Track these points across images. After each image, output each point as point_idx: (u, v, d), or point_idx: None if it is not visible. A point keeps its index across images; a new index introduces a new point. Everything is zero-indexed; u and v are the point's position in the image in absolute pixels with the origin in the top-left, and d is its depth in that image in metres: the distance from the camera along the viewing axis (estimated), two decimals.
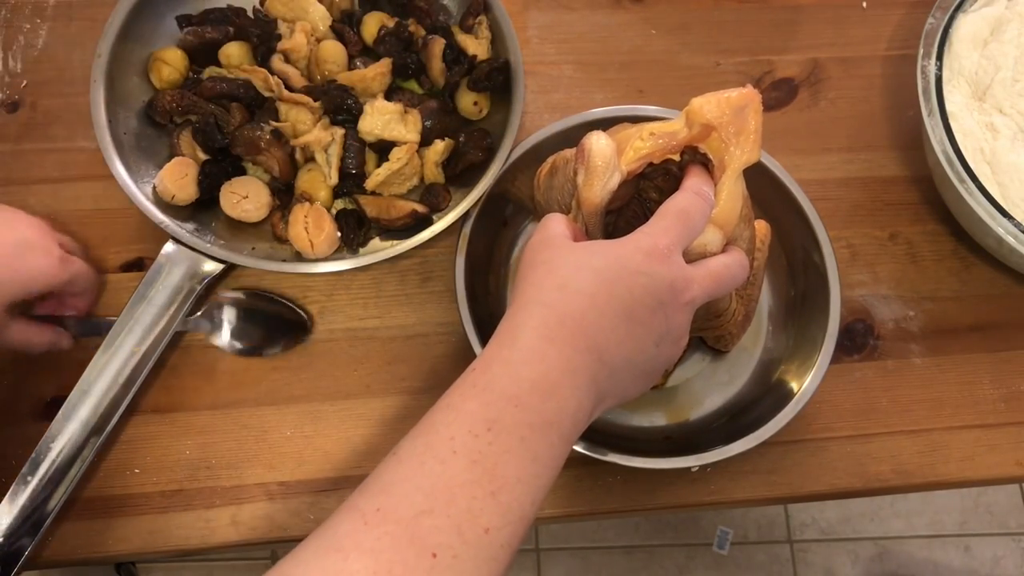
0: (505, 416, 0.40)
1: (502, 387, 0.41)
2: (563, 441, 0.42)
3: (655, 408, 0.63)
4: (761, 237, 0.59)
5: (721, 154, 0.50)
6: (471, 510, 0.38)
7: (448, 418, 0.41)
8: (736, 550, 1.46)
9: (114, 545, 0.59)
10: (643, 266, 0.45)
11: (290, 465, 0.61)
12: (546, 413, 0.41)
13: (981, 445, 0.64)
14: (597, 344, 0.44)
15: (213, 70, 0.67)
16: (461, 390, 0.42)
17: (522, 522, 0.40)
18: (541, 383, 0.41)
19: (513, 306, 0.45)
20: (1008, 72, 0.66)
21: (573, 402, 0.42)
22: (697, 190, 0.48)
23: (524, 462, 0.40)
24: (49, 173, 0.68)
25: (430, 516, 0.37)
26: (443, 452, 0.39)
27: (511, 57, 0.66)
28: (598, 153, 0.49)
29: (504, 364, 0.42)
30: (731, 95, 0.49)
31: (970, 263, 0.69)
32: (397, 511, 0.37)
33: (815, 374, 0.59)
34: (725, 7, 0.77)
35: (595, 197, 0.49)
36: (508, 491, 0.39)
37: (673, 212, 0.47)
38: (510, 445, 0.40)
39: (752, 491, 0.62)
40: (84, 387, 0.58)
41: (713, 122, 0.49)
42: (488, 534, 0.38)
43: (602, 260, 0.45)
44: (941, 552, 1.48)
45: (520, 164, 0.64)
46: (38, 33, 0.73)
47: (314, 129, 0.63)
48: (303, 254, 0.62)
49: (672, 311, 0.46)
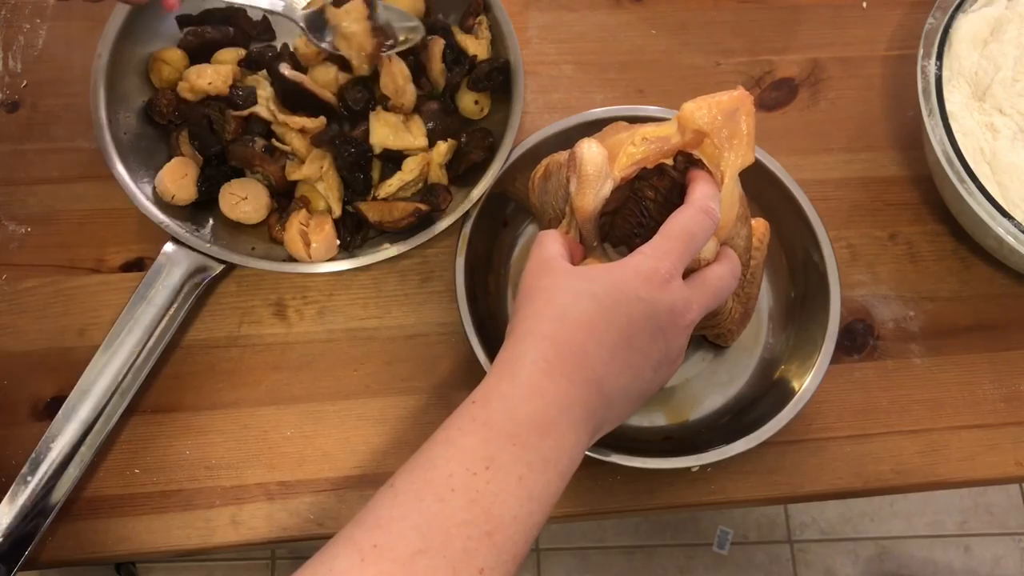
0: (503, 454, 0.40)
1: (500, 423, 0.41)
2: (560, 478, 0.42)
3: (655, 408, 0.63)
4: (760, 236, 0.59)
5: (716, 159, 0.50)
6: (467, 550, 0.38)
7: (447, 453, 0.41)
8: (736, 550, 1.46)
9: (114, 545, 0.59)
10: (642, 292, 0.45)
11: (290, 465, 0.61)
12: (544, 451, 0.41)
13: (981, 445, 0.64)
14: (596, 375, 0.44)
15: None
16: (460, 424, 0.42)
17: (515, 560, 0.40)
18: (539, 420, 0.41)
19: (513, 336, 0.45)
20: (1008, 72, 0.66)
21: (571, 438, 0.42)
22: (703, 206, 0.47)
23: (520, 501, 0.40)
24: (49, 173, 0.68)
25: (426, 556, 0.37)
26: (441, 490, 0.39)
27: (511, 57, 0.66)
28: (589, 161, 0.49)
29: (503, 399, 0.42)
30: (722, 98, 0.49)
31: (970, 263, 0.69)
32: (394, 549, 0.37)
33: (815, 374, 0.59)
34: (725, 7, 0.77)
35: (588, 205, 0.49)
36: (503, 531, 0.39)
37: (677, 233, 0.47)
38: (507, 484, 0.40)
39: (752, 491, 0.62)
40: (84, 387, 0.58)
41: (704, 128, 0.49)
42: (482, 574, 0.38)
43: (600, 287, 0.45)
44: (941, 552, 1.48)
45: (520, 164, 0.64)
46: (38, 33, 0.73)
47: (303, 166, 0.63)
48: (299, 259, 0.62)
49: (672, 335, 0.46)
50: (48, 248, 0.66)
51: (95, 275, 0.65)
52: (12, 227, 0.67)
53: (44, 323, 0.64)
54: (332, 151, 0.63)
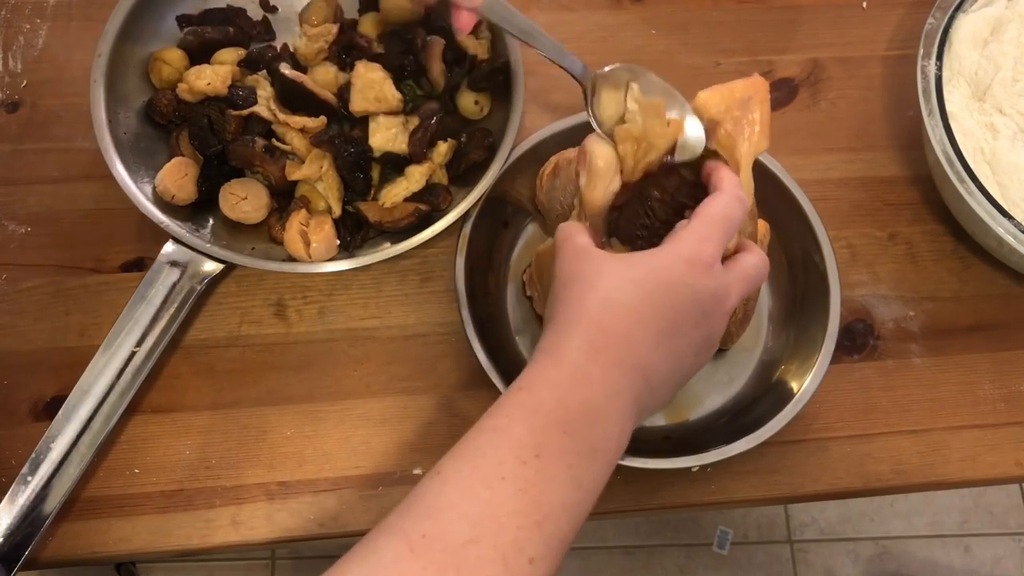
0: (552, 443, 0.40)
1: (549, 411, 0.41)
2: (607, 466, 0.42)
3: None
4: (760, 236, 0.59)
5: (731, 148, 0.49)
6: (517, 540, 0.37)
7: (495, 441, 0.40)
8: (736, 550, 1.46)
9: (114, 545, 0.59)
10: (687, 277, 0.44)
11: (290, 465, 0.61)
12: (592, 439, 0.41)
13: (981, 445, 0.64)
14: (642, 362, 0.43)
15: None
16: (507, 411, 0.41)
17: (562, 549, 0.39)
18: (588, 408, 0.41)
19: (555, 322, 0.44)
20: (1008, 72, 0.66)
21: (618, 426, 0.42)
22: (736, 193, 0.47)
23: (569, 490, 0.39)
24: (49, 173, 0.68)
25: (477, 546, 0.37)
26: (491, 478, 0.39)
27: (511, 57, 0.66)
28: (599, 155, 0.49)
29: (550, 386, 0.42)
30: (736, 86, 0.49)
31: (970, 263, 0.69)
32: (444, 538, 0.37)
33: (815, 374, 0.59)
34: (725, 7, 0.77)
35: (598, 199, 0.49)
36: (553, 520, 0.39)
37: (716, 219, 0.46)
38: (557, 473, 0.39)
39: (752, 491, 0.62)
40: (84, 387, 0.58)
41: (717, 117, 0.48)
42: (532, 564, 0.37)
43: (643, 272, 0.44)
44: (941, 552, 1.48)
45: (520, 164, 0.64)
46: (38, 33, 0.73)
47: (303, 166, 0.63)
48: (299, 259, 0.62)
49: (714, 321, 0.46)
50: (48, 248, 0.66)
51: (95, 275, 0.65)
52: (12, 227, 0.67)
53: (44, 323, 0.64)
54: (332, 151, 0.63)
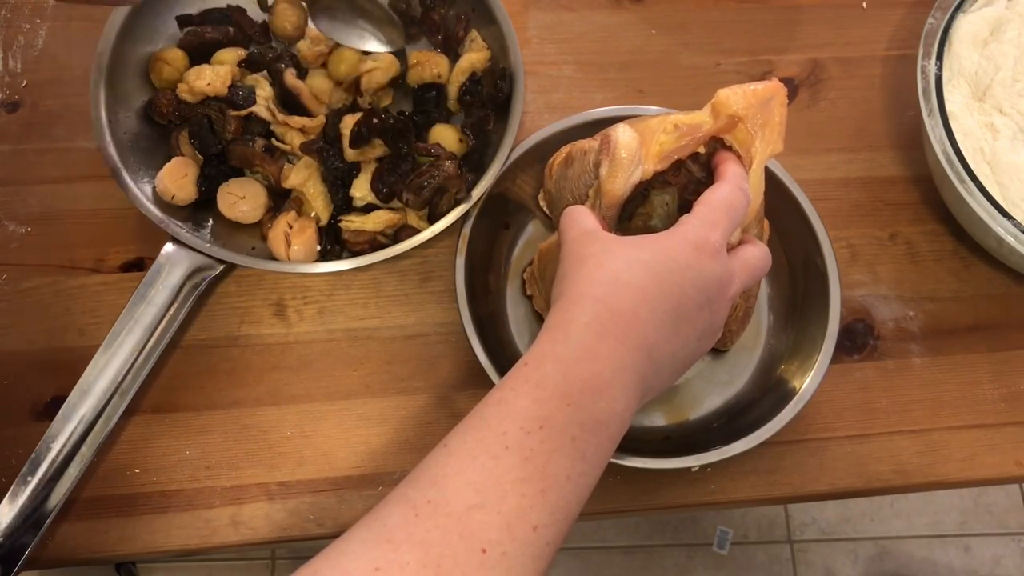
0: (557, 415, 0.40)
1: (554, 384, 0.41)
2: (610, 441, 0.42)
3: (655, 408, 0.63)
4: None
5: (747, 145, 0.50)
6: (521, 507, 0.38)
7: (500, 413, 0.41)
8: (736, 550, 1.46)
9: (114, 545, 0.59)
10: (693, 261, 0.45)
11: (290, 465, 0.61)
12: (597, 413, 0.41)
13: (981, 445, 0.64)
14: (647, 341, 0.44)
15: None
16: (513, 384, 0.42)
17: (567, 520, 0.40)
18: (593, 382, 0.42)
19: (563, 299, 0.45)
20: (1008, 72, 0.66)
21: (622, 402, 0.42)
22: (740, 184, 0.48)
23: (573, 461, 0.40)
24: (49, 173, 0.68)
25: (481, 511, 0.37)
26: (495, 447, 0.39)
27: (511, 58, 0.66)
28: (624, 145, 0.49)
29: (556, 361, 0.42)
30: (757, 87, 0.50)
31: (970, 263, 0.69)
32: (448, 504, 0.37)
33: (815, 374, 0.59)
34: (725, 7, 0.77)
35: (618, 190, 0.49)
36: (557, 490, 0.39)
37: (721, 205, 0.47)
38: (561, 444, 0.40)
39: (752, 491, 0.62)
40: (84, 387, 0.58)
41: (740, 113, 0.49)
42: (536, 532, 0.38)
43: (650, 254, 0.45)
44: (941, 552, 1.48)
45: (520, 164, 0.64)
46: (38, 33, 0.73)
47: (292, 174, 0.63)
48: (278, 258, 0.63)
49: (717, 307, 0.46)
50: (48, 248, 0.66)
51: (95, 275, 0.65)
52: (12, 227, 0.67)
53: (44, 323, 0.64)
54: (319, 160, 0.63)
